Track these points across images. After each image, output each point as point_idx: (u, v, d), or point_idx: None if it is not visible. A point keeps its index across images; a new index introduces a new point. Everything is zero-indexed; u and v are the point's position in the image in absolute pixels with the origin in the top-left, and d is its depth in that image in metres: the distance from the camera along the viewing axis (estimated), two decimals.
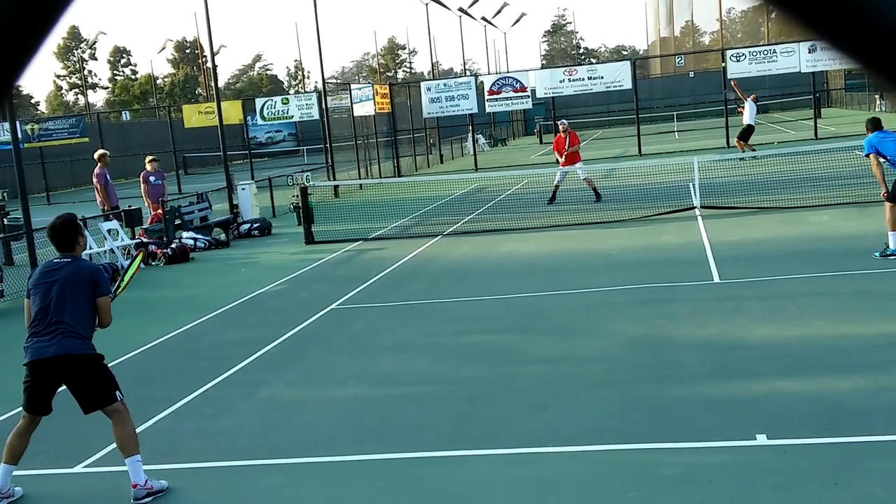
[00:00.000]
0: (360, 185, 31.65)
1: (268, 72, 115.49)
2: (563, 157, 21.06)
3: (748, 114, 27.77)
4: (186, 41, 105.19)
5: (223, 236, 20.58)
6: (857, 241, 12.90)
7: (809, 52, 35.23)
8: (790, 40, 35.58)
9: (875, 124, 12.36)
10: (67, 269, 6.31)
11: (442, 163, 45.93)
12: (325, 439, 7.04)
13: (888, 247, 11.70)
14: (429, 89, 38.17)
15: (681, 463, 5.97)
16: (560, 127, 21.65)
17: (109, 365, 10.04)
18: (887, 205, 11.87)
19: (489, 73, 50.68)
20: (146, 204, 21.06)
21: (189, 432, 7.56)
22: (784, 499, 5.29)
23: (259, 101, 38.96)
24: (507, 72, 43.49)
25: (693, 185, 18.90)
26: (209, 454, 6.96)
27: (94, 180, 20.55)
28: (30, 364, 6.20)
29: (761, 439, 6.10)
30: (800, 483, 5.45)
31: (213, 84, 27.37)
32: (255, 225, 21.43)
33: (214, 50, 25.13)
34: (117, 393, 6.36)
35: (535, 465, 6.17)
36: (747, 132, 27.64)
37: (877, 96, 54.29)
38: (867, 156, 12.17)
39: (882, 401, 6.68)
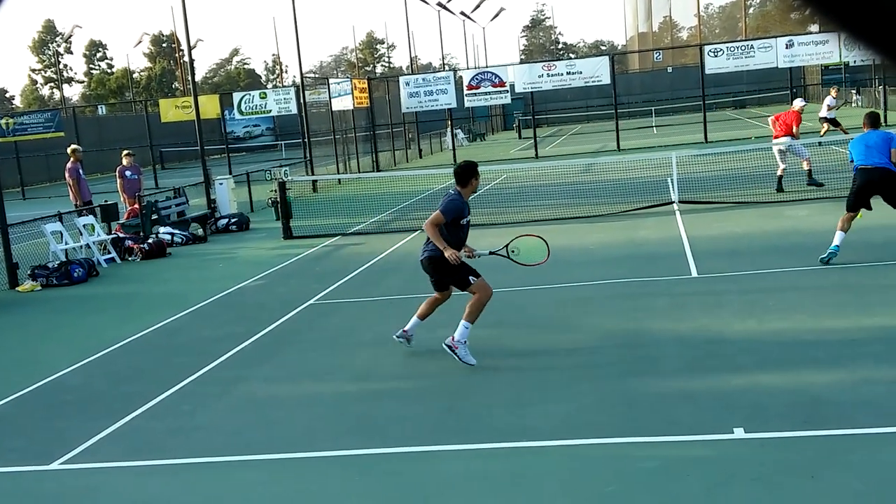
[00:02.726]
0: (339, 179, 31.56)
1: (245, 66, 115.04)
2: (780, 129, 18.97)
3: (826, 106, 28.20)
4: (163, 35, 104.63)
5: (200, 231, 20.45)
6: (833, 235, 12.95)
7: (787, 48, 35.43)
8: (767, 35, 35.78)
9: (873, 121, 11.65)
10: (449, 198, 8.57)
11: (421, 157, 45.88)
12: (301, 435, 7.01)
13: (832, 244, 11.22)
14: (407, 84, 38.11)
15: (658, 456, 5.97)
16: (798, 104, 19.83)
17: (86, 361, 10.00)
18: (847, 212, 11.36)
19: (468, 68, 50.71)
20: (122, 199, 20.91)
21: (165, 429, 7.50)
22: (762, 492, 5.30)
23: (237, 96, 38.78)
24: (486, 67, 43.47)
25: (671, 179, 18.95)
26: (186, 451, 6.90)
27: (66, 175, 20.40)
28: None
29: (739, 432, 6.11)
30: (778, 476, 5.47)
31: (190, 78, 27.20)
32: (233, 220, 21.33)
33: (191, 44, 24.97)
34: (471, 277, 8.44)
35: (512, 459, 6.15)
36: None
37: (853, 91, 54.65)
38: (851, 161, 11.57)
39: (860, 394, 6.71)
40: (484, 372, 8.28)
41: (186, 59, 27.25)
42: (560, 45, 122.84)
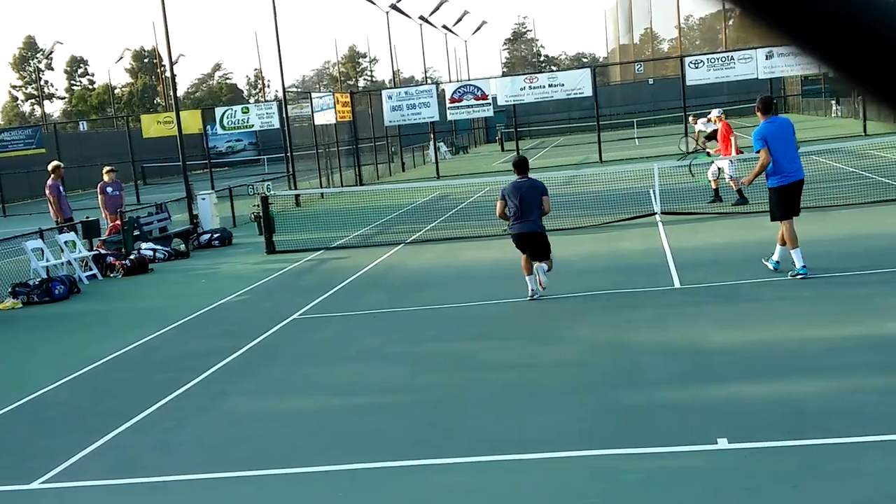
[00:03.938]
0: (322, 193, 31.52)
1: (227, 81, 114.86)
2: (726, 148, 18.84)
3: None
4: (145, 50, 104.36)
5: (183, 247, 20.39)
6: (814, 245, 13.04)
7: (767, 59, 35.69)
8: (748, 47, 36.04)
9: (765, 107, 11.42)
10: (527, 184, 11.31)
11: (404, 171, 45.90)
12: (286, 450, 6.97)
13: (796, 266, 11.04)
14: (390, 97, 38.15)
15: (643, 468, 5.98)
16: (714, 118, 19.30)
17: (68, 378, 9.95)
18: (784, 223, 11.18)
19: (450, 81, 50.82)
20: (104, 215, 20.81)
21: (149, 446, 7.46)
22: (745, 502, 5.32)
23: (219, 111, 38.72)
24: (469, 80, 43.58)
25: (653, 191, 19.02)
26: (169, 468, 6.87)
27: (47, 192, 20.26)
28: (516, 235, 11.32)
29: (723, 443, 6.13)
30: (761, 486, 5.48)
31: (171, 93, 27.14)
32: (216, 235, 21.26)
33: (173, 59, 24.94)
34: (550, 254, 11.42)
35: (499, 472, 6.15)
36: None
37: (833, 102, 55.07)
38: (758, 152, 11.08)
39: (842, 403, 6.74)
40: (470, 384, 8.27)
41: (168, 74, 27.21)
42: (542, 58, 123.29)
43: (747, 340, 8.75)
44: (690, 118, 28.61)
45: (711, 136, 27.19)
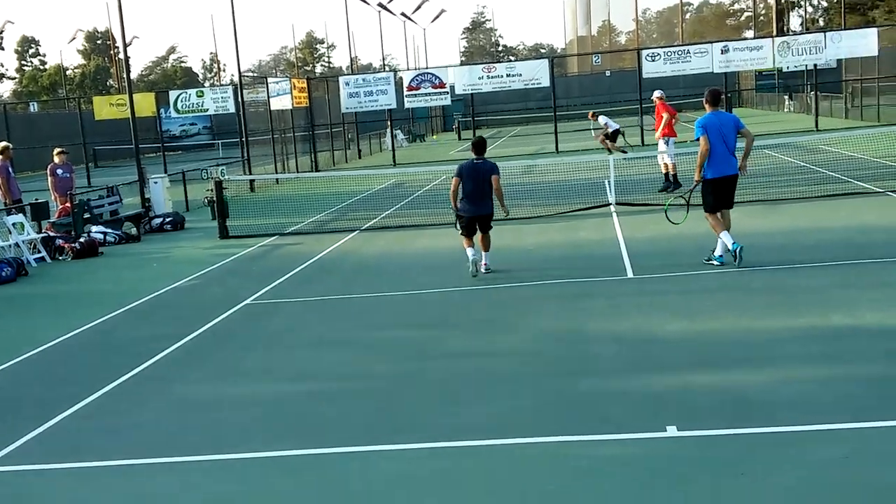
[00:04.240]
0: (277, 179, 31.31)
1: (182, 64, 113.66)
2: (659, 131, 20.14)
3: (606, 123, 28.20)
4: (98, 32, 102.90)
5: (134, 230, 20.15)
6: (765, 237, 13.22)
7: (722, 53, 36.07)
8: (704, 41, 36.31)
9: (714, 98, 11.61)
10: (483, 166, 12.02)
11: (360, 158, 45.74)
12: (238, 436, 6.92)
13: (728, 246, 11.38)
14: (347, 84, 37.99)
15: (591, 455, 6.02)
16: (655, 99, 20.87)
17: (15, 362, 9.78)
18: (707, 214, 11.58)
19: (408, 69, 50.67)
20: (53, 197, 20.48)
21: (97, 430, 7.36)
22: (692, 488, 5.37)
23: (173, 94, 38.28)
24: (427, 68, 43.50)
25: (609, 182, 19.13)
26: (118, 452, 6.78)
27: None
28: (468, 217, 12.06)
29: (671, 430, 6.19)
30: (707, 473, 5.54)
31: (125, 76, 26.77)
32: (168, 219, 21.04)
33: (127, 41, 24.57)
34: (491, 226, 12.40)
35: (448, 458, 6.15)
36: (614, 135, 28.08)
37: (785, 97, 55.76)
38: (698, 139, 11.42)
39: (788, 392, 6.83)
40: (421, 372, 8.27)
41: (122, 56, 26.82)
42: (500, 48, 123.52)
43: (697, 330, 8.84)
44: (589, 114, 29.01)
45: (613, 135, 27.65)
